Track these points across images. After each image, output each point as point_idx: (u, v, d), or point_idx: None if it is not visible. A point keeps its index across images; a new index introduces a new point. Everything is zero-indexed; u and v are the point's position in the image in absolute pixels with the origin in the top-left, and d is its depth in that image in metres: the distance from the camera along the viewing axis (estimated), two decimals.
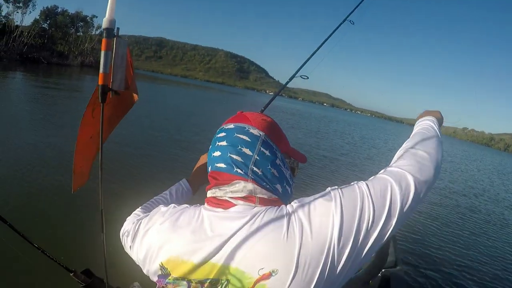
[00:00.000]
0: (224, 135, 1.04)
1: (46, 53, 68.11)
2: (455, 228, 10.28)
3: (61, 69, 55.06)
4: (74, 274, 1.55)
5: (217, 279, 0.92)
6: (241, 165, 0.98)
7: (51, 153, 9.39)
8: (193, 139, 15.72)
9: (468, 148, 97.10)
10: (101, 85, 0.95)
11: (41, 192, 6.73)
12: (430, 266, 6.92)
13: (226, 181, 1.00)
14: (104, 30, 0.94)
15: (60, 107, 18.23)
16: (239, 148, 1.00)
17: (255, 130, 1.03)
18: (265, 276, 0.85)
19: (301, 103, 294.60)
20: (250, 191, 0.98)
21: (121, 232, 1.35)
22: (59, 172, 7.89)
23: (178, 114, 23.84)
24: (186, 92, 66.26)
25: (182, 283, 0.97)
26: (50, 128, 12.64)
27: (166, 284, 1.00)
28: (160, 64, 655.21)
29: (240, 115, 1.10)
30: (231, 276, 0.90)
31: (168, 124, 18.64)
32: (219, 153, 1.02)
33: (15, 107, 16.05)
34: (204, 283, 0.94)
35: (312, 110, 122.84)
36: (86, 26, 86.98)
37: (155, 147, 12.37)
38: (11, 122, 12.46)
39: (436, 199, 13.77)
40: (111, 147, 10.55)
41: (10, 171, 7.36)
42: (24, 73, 36.57)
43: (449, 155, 45.64)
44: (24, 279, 4.04)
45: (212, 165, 1.05)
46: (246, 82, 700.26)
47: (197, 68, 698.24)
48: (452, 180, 20.96)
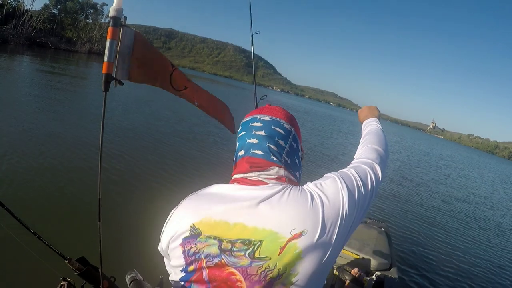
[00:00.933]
0: (260, 125, 1.18)
1: (54, 38, 67.76)
2: (451, 232, 10.35)
3: (68, 55, 55.04)
4: (69, 261, 1.55)
5: (249, 240, 1.01)
6: (276, 154, 1.14)
7: (47, 138, 9.42)
8: (193, 130, 15.78)
9: (472, 155, 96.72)
10: (105, 73, 0.97)
11: (37, 178, 6.72)
12: (425, 269, 6.97)
13: (263, 167, 1.13)
14: (110, 19, 0.95)
15: (60, 92, 18.22)
16: (276, 139, 1.16)
17: (288, 126, 1.21)
18: (296, 235, 0.99)
19: (306, 101, 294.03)
20: (281, 175, 1.13)
21: None
22: (55, 157, 7.97)
23: (180, 106, 23.80)
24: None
25: (213, 242, 1.03)
26: (49, 113, 12.66)
27: (196, 243, 1.05)
28: (169, 55, 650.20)
29: (271, 108, 1.26)
30: (265, 237, 1.00)
31: (171, 115, 18.72)
32: (257, 141, 1.16)
33: (15, 88, 16.05)
34: (235, 243, 1.02)
35: (317, 108, 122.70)
36: (95, 14, 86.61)
37: (155, 137, 12.45)
38: (9, 104, 12.53)
39: (433, 203, 14.01)
40: (111, 136, 10.77)
41: (3, 156, 7.38)
42: (31, 57, 36.66)
43: (453, 161, 45.79)
44: (18, 265, 4.08)
45: (247, 151, 1.17)
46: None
47: (205, 61, 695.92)
48: (451, 185, 21.13)
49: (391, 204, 11.51)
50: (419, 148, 51.64)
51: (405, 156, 32.49)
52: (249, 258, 1.00)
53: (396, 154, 30.41)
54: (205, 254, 1.03)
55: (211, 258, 1.03)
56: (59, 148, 8.81)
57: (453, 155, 60.08)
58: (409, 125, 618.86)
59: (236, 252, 1.01)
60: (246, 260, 1.00)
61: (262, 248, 0.99)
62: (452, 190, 19.12)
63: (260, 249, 0.99)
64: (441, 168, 29.99)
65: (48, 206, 5.77)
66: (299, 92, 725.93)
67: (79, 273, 1.54)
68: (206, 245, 1.04)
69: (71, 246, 2.67)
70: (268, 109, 1.25)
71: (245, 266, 1.00)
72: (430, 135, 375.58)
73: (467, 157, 71.28)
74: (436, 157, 43.73)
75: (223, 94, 56.79)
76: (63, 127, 10.94)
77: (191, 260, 1.06)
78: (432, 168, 28.10)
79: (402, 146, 46.20)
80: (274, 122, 1.19)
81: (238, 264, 1.00)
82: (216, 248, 1.03)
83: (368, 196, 1.17)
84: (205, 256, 1.04)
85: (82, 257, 1.60)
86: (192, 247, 1.05)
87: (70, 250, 1.68)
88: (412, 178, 19.51)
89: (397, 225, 9.22)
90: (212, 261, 1.03)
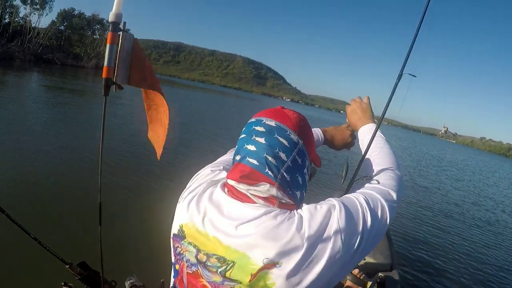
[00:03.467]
0: (263, 131, 1.02)
1: (61, 54, 69.19)
2: (454, 234, 10.20)
3: (75, 71, 55.66)
4: (70, 266, 1.55)
5: (224, 258, 0.97)
6: (273, 168, 0.99)
7: (49, 145, 9.59)
8: (196, 138, 15.78)
9: (485, 158, 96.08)
10: (105, 78, 0.99)
11: (38, 183, 6.79)
12: (426, 270, 6.91)
13: (252, 180, 1.00)
14: (110, 24, 0.97)
15: (60, 106, 18.33)
16: (276, 151, 0.99)
17: (295, 137, 1.02)
18: (269, 266, 0.90)
19: (316, 110, 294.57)
20: (272, 195, 1.00)
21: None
22: (57, 163, 8.10)
23: (186, 115, 24.15)
24: (203, 96, 67.97)
25: (192, 249, 1.03)
26: (51, 121, 12.99)
27: (181, 245, 1.07)
28: (178, 69, 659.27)
29: (282, 112, 1.07)
30: (238, 259, 0.94)
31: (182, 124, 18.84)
32: (254, 148, 1.01)
33: (16, 103, 16.17)
34: (210, 257, 0.99)
35: (326, 117, 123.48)
36: (102, 29, 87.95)
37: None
38: (13, 118, 12.67)
39: (434, 202, 13.89)
40: (113, 144, 10.91)
41: (6, 162, 7.50)
42: (38, 73, 37.93)
43: (466, 165, 45.38)
44: (19, 270, 4.10)
45: (243, 157, 1.03)
46: (263, 88, 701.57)
47: (215, 73, 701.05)
48: (455, 186, 21.10)
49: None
50: (420, 150, 51.17)
51: (407, 155, 32.22)
52: (221, 276, 0.97)
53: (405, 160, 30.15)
54: (186, 259, 1.05)
55: (190, 264, 1.04)
56: (58, 152, 9.07)
57: (455, 157, 59.30)
58: (420, 131, 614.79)
59: (209, 266, 0.99)
60: (218, 277, 0.97)
61: (234, 270, 0.95)
62: (454, 190, 18.90)
63: (232, 270, 0.95)
64: (444, 170, 29.54)
65: (49, 211, 5.80)
66: (309, 101, 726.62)
67: (80, 278, 1.55)
68: (187, 251, 1.05)
69: (72, 251, 2.71)
70: (277, 113, 1.06)
71: (218, 283, 0.98)
72: (442, 140, 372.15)
73: (472, 159, 70.43)
74: (436, 159, 43.16)
75: (233, 105, 57.99)
76: (65, 133, 11.41)
77: (177, 259, 1.09)
78: (434, 169, 27.99)
79: (403, 147, 45.87)
80: (278, 129, 1.01)
81: (211, 278, 0.99)
82: (194, 256, 1.03)
83: (373, 234, 1.00)
84: (186, 260, 1.05)
85: (83, 261, 1.60)
86: (178, 246, 1.08)
87: (70, 255, 1.68)
88: (414, 179, 19.26)
89: (397, 225, 9.16)
90: (191, 268, 1.04)
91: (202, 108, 38.09)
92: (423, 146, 74.11)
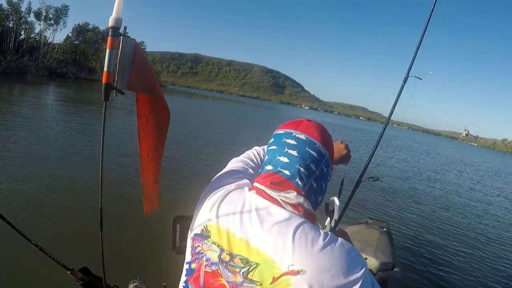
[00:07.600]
0: (295, 144, 1.09)
1: (74, 68, 70.33)
2: (453, 230, 10.00)
3: (89, 84, 56.35)
4: (72, 272, 1.53)
5: (247, 259, 0.98)
6: (304, 178, 1.06)
7: (50, 150, 9.66)
8: (201, 144, 15.67)
9: (507, 160, 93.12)
10: (105, 83, 0.98)
11: (39, 189, 6.70)
12: (428, 269, 6.85)
13: (283, 187, 1.06)
14: (109, 29, 0.96)
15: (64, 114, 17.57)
16: (308, 162, 1.07)
17: (323, 149, 1.10)
18: (293, 272, 0.92)
19: (335, 117, 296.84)
20: (299, 202, 1.05)
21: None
22: (57, 169, 8.08)
23: (191, 122, 24.21)
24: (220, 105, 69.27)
25: (215, 248, 1.05)
26: (52, 125, 13.44)
27: (202, 244, 1.08)
28: (196, 80, 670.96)
29: (309, 125, 1.14)
30: (263, 262, 0.96)
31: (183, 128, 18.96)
32: (288, 160, 1.07)
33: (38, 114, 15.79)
34: (234, 258, 1.01)
35: (345, 123, 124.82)
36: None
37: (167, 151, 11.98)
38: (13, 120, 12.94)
39: (434, 203, 13.43)
40: (113, 144, 11.39)
41: (6, 168, 7.52)
42: (53, 86, 38.72)
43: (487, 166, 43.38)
44: (21, 277, 4.05)
45: (275, 168, 1.09)
46: (282, 96, 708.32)
47: (232, 83, 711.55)
48: (461, 185, 20.14)
49: (392, 204, 11.36)
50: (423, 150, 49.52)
51: (409, 157, 31.11)
52: (242, 277, 0.99)
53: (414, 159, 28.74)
54: (207, 258, 1.06)
55: (210, 263, 1.05)
56: (59, 157, 9.10)
57: (467, 159, 57.26)
58: (441, 134, 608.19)
59: (232, 267, 1.01)
60: (239, 278, 0.99)
61: (256, 271, 0.96)
62: (455, 190, 17.76)
63: (254, 271, 0.97)
64: (444, 170, 28.17)
65: (50, 217, 5.67)
66: (328, 108, 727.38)
67: (82, 283, 1.54)
68: (209, 250, 1.06)
69: (73, 257, 2.49)
70: (306, 126, 1.13)
71: (237, 283, 0.99)
72: (464, 143, 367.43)
73: (492, 161, 68.00)
74: (442, 157, 42.15)
75: (252, 114, 58.62)
76: (66, 135, 11.87)
77: (195, 258, 1.10)
78: (435, 168, 26.75)
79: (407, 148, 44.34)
80: (309, 143, 1.09)
81: (231, 278, 1.00)
82: (216, 256, 1.04)
83: None
84: (206, 259, 1.07)
85: (84, 267, 1.59)
86: (198, 246, 1.10)
87: (72, 261, 1.64)
88: (415, 179, 18.57)
89: (398, 225, 9.09)
90: (210, 267, 1.05)
91: (219, 117, 37.86)
92: (444, 149, 72.52)
